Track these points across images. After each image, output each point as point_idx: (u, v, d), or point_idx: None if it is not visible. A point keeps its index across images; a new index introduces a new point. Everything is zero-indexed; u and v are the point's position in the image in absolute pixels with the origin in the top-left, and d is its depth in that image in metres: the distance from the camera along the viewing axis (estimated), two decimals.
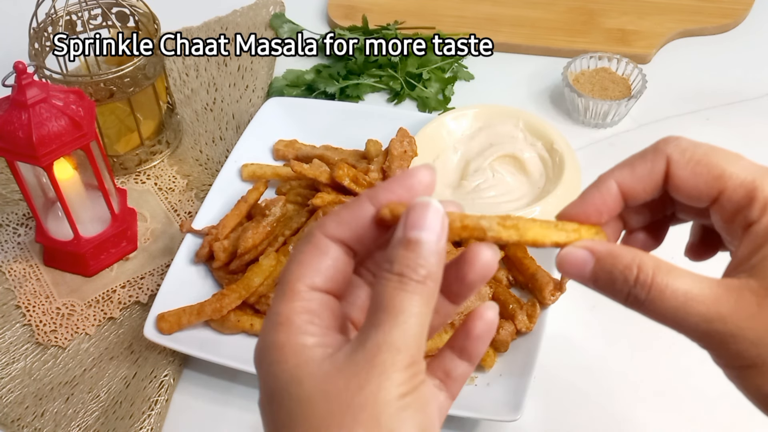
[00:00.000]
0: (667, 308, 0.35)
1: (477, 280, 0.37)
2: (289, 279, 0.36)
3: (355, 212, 0.36)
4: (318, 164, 0.81)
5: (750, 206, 0.36)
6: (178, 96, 0.99)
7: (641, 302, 0.36)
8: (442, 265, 0.35)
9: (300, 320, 0.35)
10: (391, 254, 0.34)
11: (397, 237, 0.35)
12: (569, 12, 1.10)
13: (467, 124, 0.88)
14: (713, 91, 1.00)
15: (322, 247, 0.36)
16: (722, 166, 0.37)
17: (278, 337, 0.35)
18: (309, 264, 0.36)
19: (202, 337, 0.72)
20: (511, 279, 0.77)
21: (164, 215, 0.86)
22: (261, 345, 0.36)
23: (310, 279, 0.36)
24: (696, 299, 0.35)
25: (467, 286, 0.37)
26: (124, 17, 0.87)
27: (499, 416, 0.65)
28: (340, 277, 0.37)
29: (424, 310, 0.34)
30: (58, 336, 0.76)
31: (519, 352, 0.71)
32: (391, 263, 0.34)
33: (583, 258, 0.37)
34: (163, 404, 0.70)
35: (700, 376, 0.72)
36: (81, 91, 0.73)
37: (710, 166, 0.38)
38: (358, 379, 0.33)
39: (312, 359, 0.34)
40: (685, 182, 0.38)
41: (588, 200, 0.40)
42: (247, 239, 0.74)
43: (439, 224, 0.35)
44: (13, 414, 0.71)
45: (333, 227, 0.36)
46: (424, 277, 0.34)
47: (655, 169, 0.39)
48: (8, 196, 0.88)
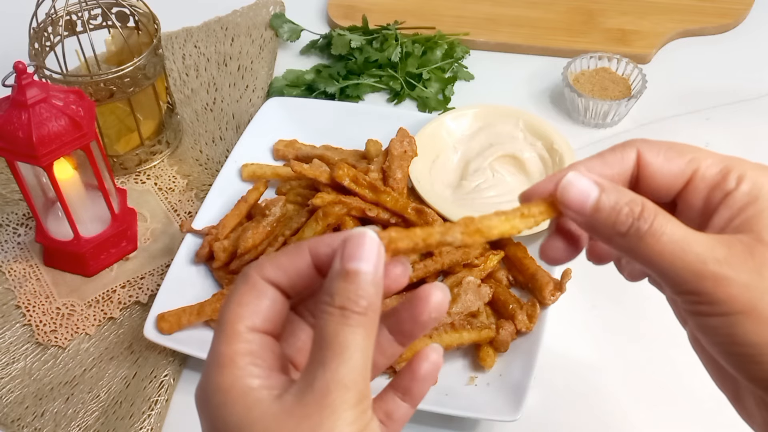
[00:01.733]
0: (666, 243, 0.35)
1: (429, 321, 0.37)
2: (228, 319, 0.36)
3: (293, 259, 0.37)
4: (318, 164, 0.81)
5: (725, 179, 0.37)
6: (178, 96, 0.99)
7: (641, 236, 0.35)
8: (380, 295, 0.35)
9: (243, 362, 0.35)
10: (330, 287, 0.34)
11: (334, 269, 0.35)
12: (569, 12, 1.10)
13: (467, 124, 0.88)
14: (713, 91, 1.00)
15: (260, 288, 0.36)
16: (692, 151, 0.39)
17: (223, 379, 0.35)
18: (248, 305, 0.36)
19: (202, 337, 0.72)
20: (511, 279, 0.77)
21: (164, 215, 0.86)
22: (205, 387, 0.35)
23: (250, 320, 0.36)
24: (694, 240, 0.35)
25: (419, 326, 0.38)
26: (124, 17, 0.87)
27: (499, 416, 0.65)
28: (277, 318, 0.37)
29: (368, 343, 0.34)
30: (58, 336, 0.76)
31: (519, 352, 0.71)
32: (331, 296, 0.34)
33: (587, 186, 0.37)
34: (163, 404, 0.70)
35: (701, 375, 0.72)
36: (81, 91, 0.73)
37: (681, 151, 0.39)
38: (309, 421, 0.33)
39: (260, 401, 0.34)
40: (659, 167, 0.39)
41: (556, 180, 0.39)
42: (247, 239, 0.74)
43: (375, 254, 0.35)
44: (13, 414, 0.71)
45: (270, 271, 0.37)
46: (365, 308, 0.34)
47: (625, 158, 0.39)
48: (8, 196, 0.88)
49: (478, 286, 0.71)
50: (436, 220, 0.75)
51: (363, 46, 1.01)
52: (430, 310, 0.37)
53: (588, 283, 0.78)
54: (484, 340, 0.70)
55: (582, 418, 0.70)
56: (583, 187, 0.37)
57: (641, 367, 0.73)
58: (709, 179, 0.38)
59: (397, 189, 0.78)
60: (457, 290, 0.71)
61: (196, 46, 1.06)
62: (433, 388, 0.68)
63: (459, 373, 0.71)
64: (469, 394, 0.69)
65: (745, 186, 0.37)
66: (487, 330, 0.70)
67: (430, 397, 0.68)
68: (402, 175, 0.79)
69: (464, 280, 0.71)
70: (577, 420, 0.70)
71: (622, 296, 0.79)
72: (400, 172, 0.79)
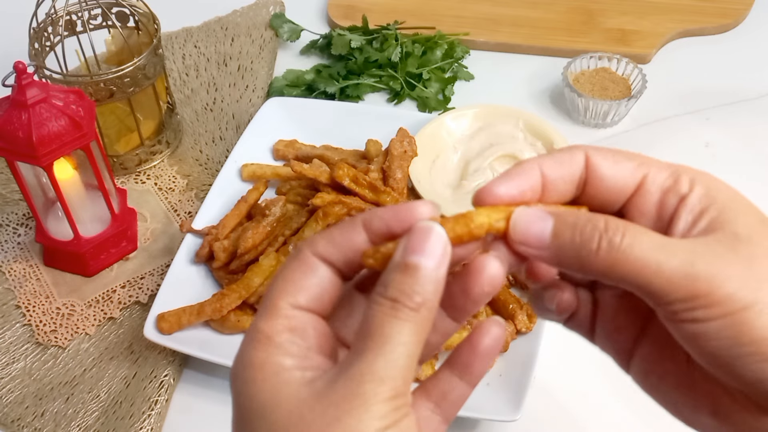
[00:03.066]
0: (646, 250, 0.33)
1: (482, 294, 0.35)
2: (272, 296, 0.35)
3: (346, 235, 0.35)
4: (318, 164, 0.81)
5: (678, 183, 0.36)
6: (178, 96, 0.99)
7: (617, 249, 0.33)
8: (439, 294, 0.33)
9: (280, 339, 0.34)
10: (386, 278, 0.33)
11: (394, 260, 0.33)
12: (569, 12, 1.10)
13: (467, 124, 0.88)
14: (713, 91, 1.00)
15: (310, 264, 0.35)
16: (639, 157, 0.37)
17: (257, 354, 0.33)
18: (294, 281, 0.35)
19: (202, 337, 0.72)
20: (511, 279, 0.77)
21: (164, 215, 0.86)
22: (238, 362, 0.34)
23: (293, 297, 0.34)
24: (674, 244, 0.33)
25: (472, 301, 0.35)
26: (124, 17, 0.87)
27: (499, 416, 0.65)
28: (327, 297, 0.35)
29: (414, 339, 0.32)
30: (58, 336, 0.76)
31: (519, 352, 0.71)
32: (384, 287, 0.32)
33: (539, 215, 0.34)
34: (163, 404, 0.70)
35: None
36: (81, 91, 0.73)
37: (629, 156, 0.37)
38: (336, 409, 0.31)
39: (289, 382, 0.32)
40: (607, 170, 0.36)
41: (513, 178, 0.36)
42: (247, 239, 0.74)
43: (441, 250, 0.33)
44: (13, 414, 0.71)
45: (323, 246, 0.35)
46: (419, 305, 0.32)
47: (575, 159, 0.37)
48: (8, 196, 0.88)
49: None
50: None
51: (363, 46, 1.01)
52: (483, 284, 0.34)
53: None
54: None
55: (582, 418, 0.70)
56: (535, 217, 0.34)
57: None
58: (660, 183, 0.36)
59: (397, 189, 0.78)
60: None
61: (196, 46, 1.06)
62: None
63: None
64: None
65: (699, 189, 0.35)
66: None
67: None
68: (402, 175, 0.79)
69: None
70: (576, 420, 0.70)
71: None
72: (400, 172, 0.79)
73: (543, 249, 0.34)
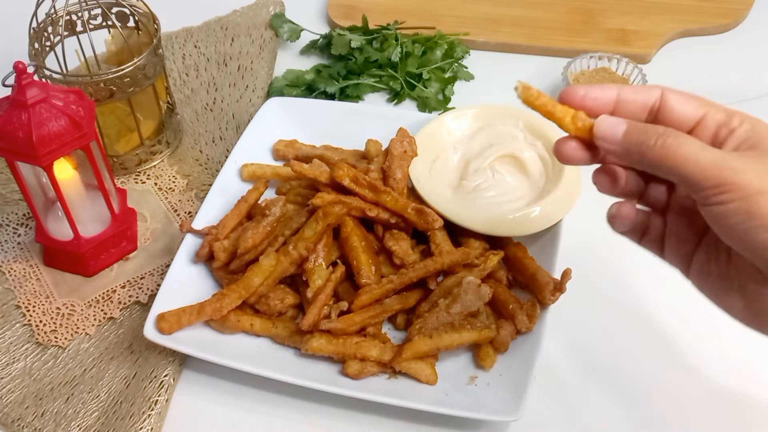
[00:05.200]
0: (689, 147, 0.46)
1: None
2: None
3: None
4: (318, 164, 0.81)
5: (730, 120, 0.48)
6: (178, 96, 0.99)
7: (668, 145, 0.46)
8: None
9: None
10: None
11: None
12: (569, 12, 1.10)
13: (467, 124, 0.88)
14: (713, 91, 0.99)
15: None
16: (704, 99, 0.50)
17: None
18: None
19: (202, 337, 0.72)
20: (511, 279, 0.77)
21: (164, 215, 0.86)
22: None
23: None
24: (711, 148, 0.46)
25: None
26: (124, 17, 0.87)
27: (499, 416, 0.65)
28: None
29: None
30: (58, 336, 0.76)
31: (519, 352, 0.71)
32: None
33: (617, 120, 0.49)
34: (163, 404, 0.70)
35: (702, 373, 0.72)
36: (81, 91, 0.73)
37: (695, 97, 0.50)
38: None
39: None
40: (677, 103, 0.50)
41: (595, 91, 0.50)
42: (247, 239, 0.74)
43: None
44: (13, 414, 0.71)
45: None
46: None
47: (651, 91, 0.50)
48: (8, 196, 0.88)
49: (478, 286, 0.71)
50: (436, 219, 0.75)
51: (363, 46, 1.01)
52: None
53: (588, 283, 0.78)
54: (484, 340, 0.70)
55: (582, 418, 0.70)
56: (613, 122, 0.49)
57: (641, 366, 0.73)
58: (717, 120, 0.48)
59: (397, 189, 0.78)
60: (457, 290, 0.71)
61: (196, 46, 1.06)
62: (433, 388, 0.69)
63: (459, 373, 0.71)
64: (470, 394, 0.69)
65: (746, 125, 0.48)
66: (487, 330, 0.70)
67: (430, 397, 0.68)
68: (402, 175, 0.79)
69: (464, 281, 0.71)
70: (577, 420, 0.70)
71: (623, 296, 0.79)
72: (400, 172, 0.79)
73: (616, 144, 0.49)
